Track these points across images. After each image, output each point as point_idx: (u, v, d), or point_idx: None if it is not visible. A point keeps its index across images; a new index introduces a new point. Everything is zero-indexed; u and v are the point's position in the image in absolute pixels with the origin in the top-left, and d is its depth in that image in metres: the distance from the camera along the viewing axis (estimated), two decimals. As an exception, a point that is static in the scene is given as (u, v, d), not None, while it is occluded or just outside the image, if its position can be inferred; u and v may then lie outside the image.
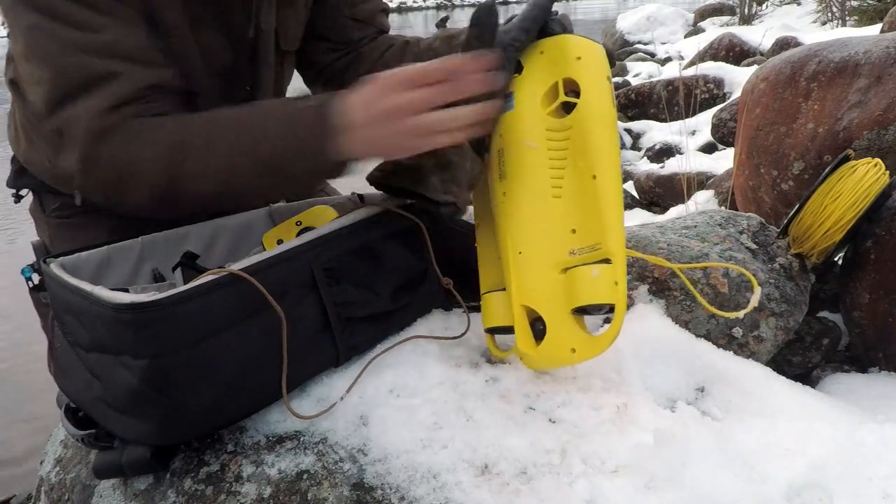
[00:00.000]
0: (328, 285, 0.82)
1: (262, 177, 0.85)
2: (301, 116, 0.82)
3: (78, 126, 0.85)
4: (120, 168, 0.86)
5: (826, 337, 1.27)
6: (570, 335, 0.79)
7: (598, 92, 0.79)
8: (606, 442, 0.77)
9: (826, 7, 7.32)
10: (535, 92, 0.83)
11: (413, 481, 0.73)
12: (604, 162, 0.77)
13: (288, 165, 0.83)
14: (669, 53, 7.17)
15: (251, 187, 0.88)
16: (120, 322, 0.71)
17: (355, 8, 1.15)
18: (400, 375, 0.85)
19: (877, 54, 1.54)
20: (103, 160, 0.86)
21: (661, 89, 4.44)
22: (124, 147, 0.85)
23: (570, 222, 0.79)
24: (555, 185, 0.80)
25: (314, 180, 0.88)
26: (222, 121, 0.86)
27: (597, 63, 0.80)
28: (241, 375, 0.76)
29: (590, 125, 0.78)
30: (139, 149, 0.85)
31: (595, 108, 0.78)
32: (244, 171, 0.85)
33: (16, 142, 1.15)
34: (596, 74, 0.80)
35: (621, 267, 0.76)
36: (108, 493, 0.81)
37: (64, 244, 1.06)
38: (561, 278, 0.79)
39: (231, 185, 0.86)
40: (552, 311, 0.80)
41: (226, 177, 0.85)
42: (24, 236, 3.96)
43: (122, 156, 0.86)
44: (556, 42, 0.83)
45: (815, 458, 0.78)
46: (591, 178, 0.78)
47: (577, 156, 0.79)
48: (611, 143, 0.79)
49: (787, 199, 1.66)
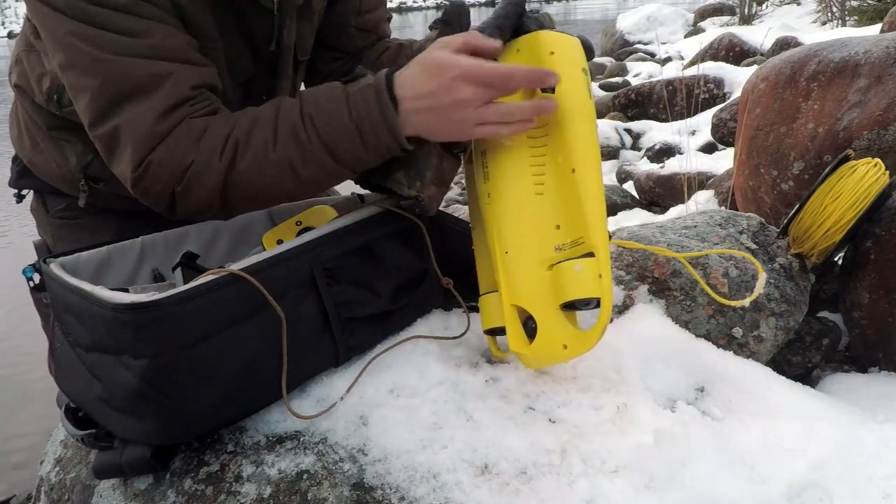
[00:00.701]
0: (328, 285, 0.82)
1: (320, 162, 0.84)
2: (360, 94, 0.82)
3: (132, 131, 0.84)
4: (179, 171, 0.85)
5: (826, 337, 1.27)
6: (560, 332, 0.79)
7: (573, 85, 0.79)
8: (606, 442, 0.77)
9: (826, 7, 7.32)
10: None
11: (413, 481, 0.73)
12: (582, 155, 0.78)
13: (347, 143, 0.82)
14: (669, 53, 7.17)
15: (309, 176, 0.86)
16: (120, 322, 0.71)
17: (361, 18, 1.16)
18: (400, 375, 0.85)
19: (877, 54, 1.54)
20: (161, 165, 0.85)
21: (662, 89, 4.44)
22: (181, 150, 0.84)
23: (554, 218, 0.79)
24: (537, 182, 0.81)
25: (373, 157, 0.84)
26: (277, 111, 0.85)
27: (571, 56, 0.80)
28: (241, 375, 0.76)
29: (566, 118, 0.78)
30: (196, 150, 0.85)
31: (570, 102, 0.78)
32: (303, 158, 0.84)
33: (19, 143, 1.15)
34: (570, 68, 0.79)
35: (605, 260, 0.76)
36: (108, 493, 0.81)
37: (67, 245, 1.06)
38: (548, 275, 0.79)
39: (288, 175, 0.85)
40: (542, 309, 0.80)
41: (285, 168, 0.84)
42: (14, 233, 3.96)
43: (179, 159, 0.85)
44: (531, 39, 0.82)
45: (815, 458, 0.78)
46: (570, 171, 0.78)
47: (557, 151, 0.80)
48: (589, 135, 0.79)
49: (787, 199, 1.66)
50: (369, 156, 0.84)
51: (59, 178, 1.12)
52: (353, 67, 1.18)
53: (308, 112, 0.84)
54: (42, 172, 1.13)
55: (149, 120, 0.84)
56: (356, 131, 0.82)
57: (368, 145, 0.83)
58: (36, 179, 1.16)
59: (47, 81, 1.01)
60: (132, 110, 0.84)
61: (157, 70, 0.84)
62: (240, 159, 0.84)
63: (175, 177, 0.85)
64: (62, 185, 1.13)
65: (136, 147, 0.85)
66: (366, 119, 0.81)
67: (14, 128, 1.16)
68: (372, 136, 0.82)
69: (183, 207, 0.89)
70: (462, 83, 0.77)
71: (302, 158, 0.84)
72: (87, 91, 0.85)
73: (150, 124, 0.84)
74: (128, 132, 0.85)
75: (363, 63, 1.18)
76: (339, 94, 0.83)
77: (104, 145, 0.88)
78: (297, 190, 0.88)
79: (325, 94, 0.85)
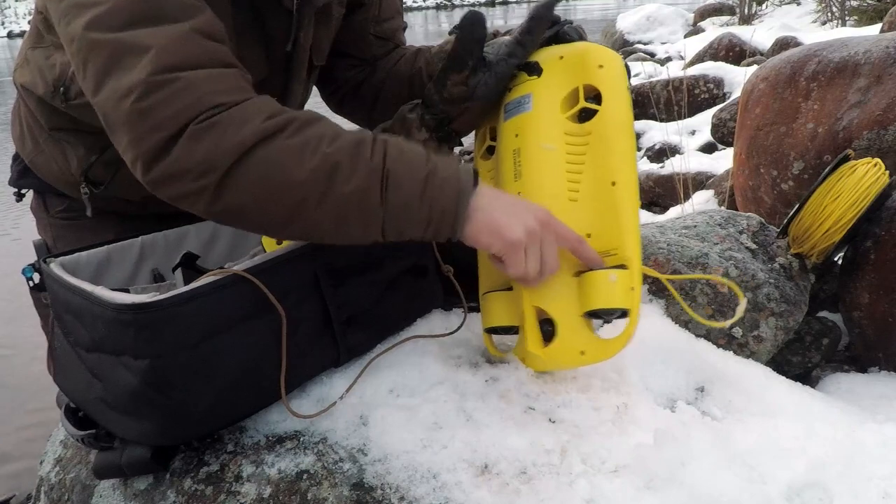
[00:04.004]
0: (332, 286, 0.82)
1: (366, 186, 0.72)
2: (442, 177, 0.74)
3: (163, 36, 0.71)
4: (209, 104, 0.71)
5: (826, 337, 1.27)
6: (580, 337, 0.79)
7: (620, 100, 0.81)
8: (606, 442, 0.77)
9: (826, 7, 7.32)
10: (554, 95, 0.85)
11: (413, 481, 0.73)
12: (624, 169, 0.79)
13: (408, 194, 0.73)
14: (669, 53, 7.17)
15: (340, 196, 0.72)
16: (121, 323, 0.71)
17: (380, 26, 1.16)
18: (400, 375, 0.85)
19: (877, 54, 1.54)
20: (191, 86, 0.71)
21: (662, 89, 4.43)
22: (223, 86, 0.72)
23: (585, 226, 0.80)
24: (571, 188, 0.81)
25: (416, 232, 0.75)
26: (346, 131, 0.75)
27: (619, 73, 0.83)
28: (242, 376, 0.76)
29: (611, 132, 0.80)
30: (241, 96, 0.72)
31: (617, 116, 0.80)
32: (352, 169, 0.72)
33: (21, 142, 1.15)
34: (619, 83, 0.82)
35: (637, 273, 0.77)
36: (108, 492, 0.81)
37: (67, 245, 1.06)
38: (574, 281, 0.79)
39: (323, 180, 0.72)
40: (563, 313, 0.79)
41: (326, 167, 0.72)
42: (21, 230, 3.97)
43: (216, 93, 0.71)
44: (577, 49, 0.85)
45: (814, 458, 0.78)
46: (609, 184, 0.79)
47: (596, 161, 0.80)
48: (630, 151, 0.80)
49: (787, 199, 1.66)
50: (420, 207, 0.73)
51: (60, 179, 1.11)
52: (369, 75, 1.17)
53: (383, 138, 0.75)
54: (43, 173, 1.13)
55: (183, 31, 0.72)
56: (425, 177, 0.73)
57: (427, 194, 0.73)
58: (36, 179, 1.16)
59: (56, 71, 0.97)
60: (161, 27, 0.72)
61: (193, 2, 0.75)
62: (287, 134, 0.71)
63: (201, 107, 0.70)
64: (63, 186, 1.13)
65: (166, 52, 0.71)
66: (440, 169, 0.74)
67: (16, 126, 1.15)
68: (438, 187, 0.73)
69: (177, 157, 0.70)
70: (538, 222, 0.75)
71: (351, 169, 0.71)
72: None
73: (185, 35, 0.72)
74: (153, 39, 0.71)
75: (379, 69, 1.17)
76: (422, 159, 0.75)
77: (107, 53, 0.72)
78: (304, 210, 0.73)
79: (409, 144, 0.76)
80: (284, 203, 0.72)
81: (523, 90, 0.88)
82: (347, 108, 1.22)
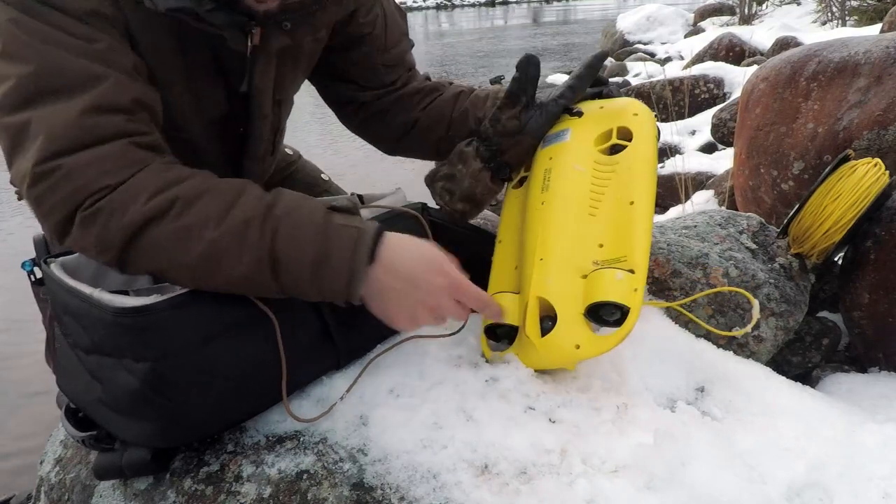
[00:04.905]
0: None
1: (255, 269, 0.73)
2: (342, 231, 0.75)
3: (48, 123, 0.73)
4: (93, 189, 0.73)
5: (826, 337, 1.27)
6: (577, 331, 0.81)
7: (648, 142, 0.94)
8: (606, 442, 0.77)
9: (826, 7, 7.32)
10: (590, 131, 0.97)
11: (413, 481, 0.73)
12: (643, 192, 0.88)
13: (297, 267, 0.74)
14: (669, 53, 7.17)
15: (229, 277, 0.74)
16: (121, 325, 0.71)
17: (388, 54, 1.14)
18: (400, 375, 0.85)
19: (877, 54, 1.54)
20: (74, 173, 0.72)
21: (661, 89, 4.43)
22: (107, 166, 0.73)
23: (599, 238, 0.87)
24: (592, 204, 0.90)
25: (313, 293, 0.76)
26: (239, 194, 0.76)
27: (650, 121, 0.97)
28: (242, 379, 0.76)
29: (637, 165, 0.91)
30: (124, 175, 0.73)
31: (644, 153, 0.92)
32: (239, 255, 0.73)
33: None
34: (649, 128, 0.95)
35: (642, 279, 0.81)
36: (108, 492, 0.81)
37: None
38: (581, 282, 0.83)
39: (210, 264, 0.73)
40: (565, 307, 0.82)
41: (212, 254, 0.73)
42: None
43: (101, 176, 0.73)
44: (617, 101, 1.02)
45: (814, 458, 0.78)
46: (628, 203, 0.88)
47: (619, 185, 0.90)
48: (651, 179, 0.90)
49: (787, 199, 1.66)
50: (311, 289, 0.75)
51: None
52: (395, 106, 1.16)
53: (276, 214, 0.74)
54: None
55: (73, 112, 0.73)
56: (314, 263, 0.74)
57: (318, 280, 0.74)
58: None
59: None
60: (55, 105, 0.73)
61: (95, 72, 0.75)
62: (171, 218, 0.72)
63: (86, 192, 0.72)
64: None
65: (51, 139, 0.72)
66: (334, 257, 0.74)
67: None
68: (328, 275, 0.74)
69: (76, 238, 0.74)
70: (444, 283, 0.78)
71: (237, 255, 0.72)
72: (13, 78, 0.74)
73: (74, 116, 0.73)
74: (42, 123, 0.73)
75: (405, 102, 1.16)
76: (319, 218, 0.75)
77: (9, 137, 0.74)
78: (204, 281, 0.74)
79: (305, 209, 0.76)
80: (184, 276, 0.75)
81: (563, 126, 1.00)
82: (371, 134, 1.21)
